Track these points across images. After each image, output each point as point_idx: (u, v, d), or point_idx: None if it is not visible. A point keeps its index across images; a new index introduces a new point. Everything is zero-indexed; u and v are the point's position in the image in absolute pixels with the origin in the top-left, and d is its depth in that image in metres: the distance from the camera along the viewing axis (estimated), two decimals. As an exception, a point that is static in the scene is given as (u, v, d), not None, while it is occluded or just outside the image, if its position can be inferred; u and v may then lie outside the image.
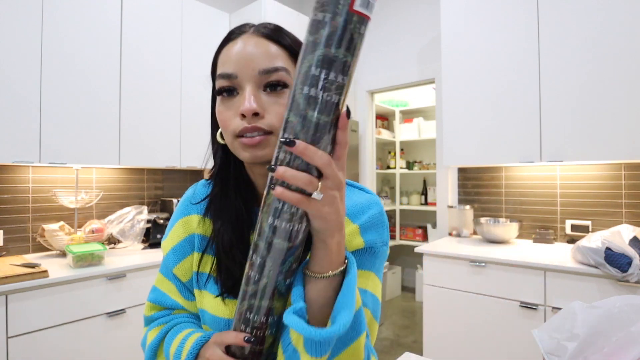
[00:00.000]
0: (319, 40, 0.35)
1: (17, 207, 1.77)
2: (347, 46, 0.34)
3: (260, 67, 0.46)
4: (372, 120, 2.98)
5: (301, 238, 0.41)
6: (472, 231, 2.30)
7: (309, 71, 0.35)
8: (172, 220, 0.62)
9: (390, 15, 2.80)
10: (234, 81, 0.47)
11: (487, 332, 1.72)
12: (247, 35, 0.49)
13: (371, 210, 0.53)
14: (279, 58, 0.47)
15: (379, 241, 0.52)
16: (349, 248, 0.49)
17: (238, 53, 0.47)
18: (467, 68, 2.09)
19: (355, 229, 0.51)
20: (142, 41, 1.93)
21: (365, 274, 0.51)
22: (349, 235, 0.50)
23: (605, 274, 1.44)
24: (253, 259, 0.42)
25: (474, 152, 2.08)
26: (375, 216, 0.53)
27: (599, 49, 1.69)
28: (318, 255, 0.41)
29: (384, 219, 0.54)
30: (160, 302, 0.60)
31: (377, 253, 0.52)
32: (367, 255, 0.51)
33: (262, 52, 0.47)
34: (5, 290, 1.30)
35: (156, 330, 0.58)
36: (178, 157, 2.10)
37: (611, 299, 0.37)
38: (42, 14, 1.59)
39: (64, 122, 1.66)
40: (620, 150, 1.65)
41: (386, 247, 0.53)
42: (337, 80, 0.35)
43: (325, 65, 0.34)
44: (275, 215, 0.39)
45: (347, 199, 0.53)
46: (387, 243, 0.53)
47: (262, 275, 0.42)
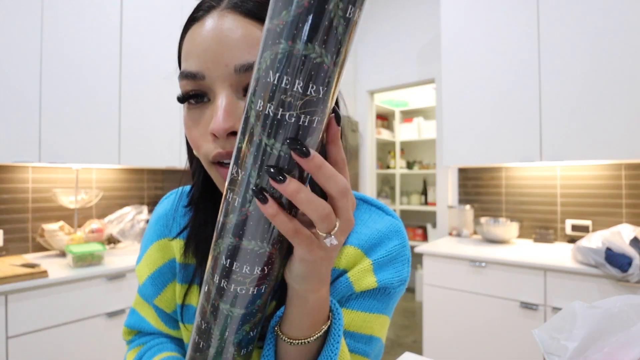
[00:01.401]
0: (280, 29, 0.22)
1: (17, 207, 1.77)
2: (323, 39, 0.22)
3: (236, 62, 0.31)
4: (372, 120, 2.98)
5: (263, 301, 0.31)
6: (472, 231, 2.30)
7: (266, 77, 0.23)
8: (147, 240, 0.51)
9: (390, 15, 2.80)
10: (201, 83, 0.33)
11: (487, 332, 1.72)
12: (217, 12, 0.33)
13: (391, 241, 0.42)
14: None
15: (395, 280, 0.42)
16: (357, 286, 0.40)
17: (204, 41, 0.32)
18: (467, 68, 2.09)
19: (368, 265, 0.40)
20: (142, 41, 1.93)
21: (374, 318, 0.41)
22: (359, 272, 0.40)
23: (606, 274, 1.44)
24: (198, 320, 0.33)
25: (474, 152, 2.08)
26: (395, 249, 0.42)
27: (599, 48, 1.69)
28: (295, 316, 0.32)
29: (405, 252, 0.43)
30: (139, 327, 0.53)
31: (392, 294, 0.42)
32: (379, 295, 0.41)
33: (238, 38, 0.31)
34: (5, 290, 1.30)
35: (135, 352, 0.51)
36: (178, 157, 2.10)
37: (611, 299, 0.37)
38: (42, 14, 1.59)
39: (64, 122, 1.66)
40: (620, 150, 1.65)
41: (404, 286, 0.43)
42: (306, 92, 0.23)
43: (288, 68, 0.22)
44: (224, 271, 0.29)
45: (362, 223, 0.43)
46: (405, 281, 0.43)
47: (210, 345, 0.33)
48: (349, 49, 0.24)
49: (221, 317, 0.31)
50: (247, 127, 0.25)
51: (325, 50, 0.22)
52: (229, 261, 0.29)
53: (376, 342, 0.42)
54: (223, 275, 0.29)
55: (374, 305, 0.41)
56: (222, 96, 0.32)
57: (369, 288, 0.41)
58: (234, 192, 0.27)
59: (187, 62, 0.34)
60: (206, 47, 0.32)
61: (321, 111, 0.24)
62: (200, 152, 0.35)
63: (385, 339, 0.45)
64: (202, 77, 0.33)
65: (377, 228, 0.43)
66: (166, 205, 0.52)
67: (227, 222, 0.28)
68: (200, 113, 0.34)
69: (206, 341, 0.33)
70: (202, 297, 0.32)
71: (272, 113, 0.23)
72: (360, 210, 0.45)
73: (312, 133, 0.24)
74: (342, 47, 0.23)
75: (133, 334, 0.54)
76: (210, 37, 0.32)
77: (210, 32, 0.32)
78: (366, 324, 0.41)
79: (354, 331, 0.40)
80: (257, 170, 0.25)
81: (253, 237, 0.27)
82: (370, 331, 0.41)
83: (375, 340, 0.42)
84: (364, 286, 0.40)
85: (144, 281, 0.49)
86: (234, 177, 0.27)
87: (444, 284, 1.87)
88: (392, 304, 0.44)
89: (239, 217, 0.27)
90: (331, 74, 0.23)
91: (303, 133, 0.24)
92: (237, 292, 0.29)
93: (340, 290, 0.40)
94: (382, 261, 0.41)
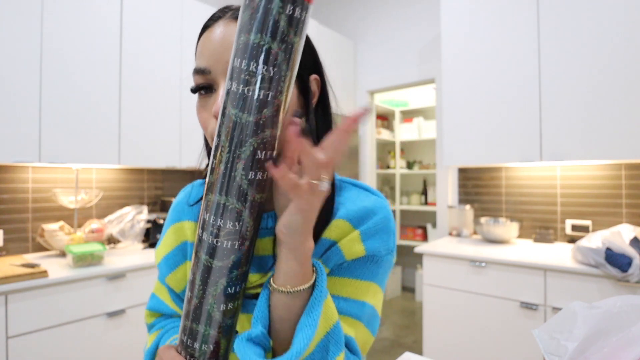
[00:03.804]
0: (241, 26, 0.31)
1: (17, 207, 1.77)
2: (269, 30, 0.30)
3: None
4: (372, 120, 2.98)
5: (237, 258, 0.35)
6: (472, 231, 2.30)
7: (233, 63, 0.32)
8: (165, 226, 0.59)
9: (390, 15, 2.80)
10: (208, 77, 0.42)
11: (487, 332, 1.72)
12: (223, 21, 0.43)
13: (377, 215, 0.47)
14: None
15: (382, 249, 0.46)
16: (347, 255, 0.45)
17: (211, 44, 0.42)
18: (467, 68, 2.09)
19: (357, 235, 0.45)
20: (142, 41, 1.93)
21: (365, 284, 0.46)
22: (349, 242, 0.45)
23: (606, 274, 1.44)
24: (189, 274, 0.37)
25: (474, 152, 2.08)
26: (380, 222, 0.47)
27: (600, 48, 1.69)
28: (289, 267, 0.36)
29: (390, 224, 0.48)
30: (158, 309, 0.59)
31: (381, 262, 0.47)
32: (368, 264, 0.46)
33: None
34: (5, 290, 1.30)
35: (154, 335, 0.56)
36: (178, 157, 2.10)
37: (611, 299, 0.37)
38: (42, 14, 1.59)
39: (63, 122, 1.66)
40: (620, 150, 1.65)
41: (391, 256, 0.48)
42: (258, 71, 0.30)
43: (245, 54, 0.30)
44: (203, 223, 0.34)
45: (351, 201, 0.48)
46: (392, 251, 0.47)
47: (193, 295, 0.36)
48: (296, 39, 0.31)
49: (201, 267, 0.35)
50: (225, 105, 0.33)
51: (272, 39, 0.30)
52: (207, 214, 0.34)
53: (368, 308, 0.46)
54: (202, 227, 0.35)
55: (363, 272, 0.46)
56: (223, 86, 0.40)
57: (358, 256, 0.45)
58: (215, 156, 0.34)
59: (198, 60, 0.43)
60: (212, 48, 0.42)
61: (274, 88, 0.31)
62: (207, 131, 0.44)
63: (380, 310, 0.49)
64: (208, 71, 0.42)
65: (364, 204, 0.48)
66: (181, 195, 0.60)
67: (209, 181, 0.34)
68: (207, 100, 0.43)
69: (191, 291, 0.37)
70: (193, 249, 0.37)
71: (237, 89, 0.31)
72: (349, 191, 0.50)
73: (268, 105, 0.31)
74: (287, 37, 0.30)
75: (154, 316, 0.60)
76: (215, 40, 0.42)
77: (215, 37, 0.42)
78: (357, 290, 0.45)
79: (347, 297, 0.45)
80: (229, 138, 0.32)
81: (226, 193, 0.33)
82: (363, 297, 0.46)
83: (367, 307, 0.46)
84: (354, 254, 0.45)
85: (159, 261, 0.56)
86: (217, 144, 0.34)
87: (444, 284, 1.87)
88: (382, 273, 0.48)
89: (215, 175, 0.33)
90: (278, 57, 0.30)
91: (260, 105, 0.31)
92: (213, 243, 0.34)
93: (332, 258, 0.45)
94: (369, 231, 0.46)
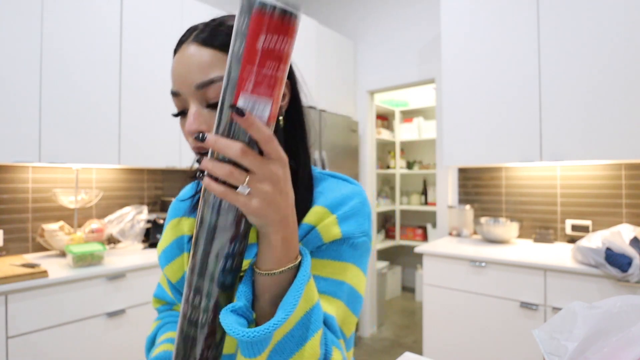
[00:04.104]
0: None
1: (17, 207, 1.77)
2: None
3: (194, 82, 0.42)
4: (372, 120, 2.98)
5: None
6: (472, 231, 2.30)
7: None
8: (166, 221, 0.65)
9: (390, 15, 2.80)
10: (180, 99, 0.45)
11: (487, 332, 1.72)
12: (185, 44, 0.45)
13: (352, 200, 0.50)
14: (215, 66, 0.42)
15: (357, 231, 0.49)
16: (325, 237, 0.47)
17: (176, 68, 0.44)
18: (467, 68, 2.09)
19: (334, 219, 0.48)
20: (142, 41, 1.93)
21: (343, 265, 0.49)
22: (327, 226, 0.48)
23: (606, 274, 1.44)
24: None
25: (474, 152, 2.08)
26: (356, 206, 0.50)
27: (600, 48, 1.69)
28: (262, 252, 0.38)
29: (365, 208, 0.51)
30: (162, 297, 0.66)
31: (357, 244, 0.49)
32: (345, 246, 0.49)
33: (195, 63, 0.43)
34: (5, 290, 1.30)
35: (155, 324, 0.63)
36: (178, 157, 2.10)
37: (611, 299, 0.37)
38: (42, 14, 1.59)
39: (63, 122, 1.66)
40: (620, 150, 1.65)
41: (367, 238, 0.50)
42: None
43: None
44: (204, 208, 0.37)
45: (331, 191, 0.51)
46: (367, 234, 0.50)
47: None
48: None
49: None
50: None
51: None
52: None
53: (346, 287, 0.49)
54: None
55: (340, 254, 0.49)
56: (192, 107, 0.44)
57: (335, 238, 0.48)
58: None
59: (171, 83, 0.46)
60: (177, 72, 0.44)
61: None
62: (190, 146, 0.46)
63: (361, 291, 0.51)
64: (178, 94, 0.45)
65: (342, 192, 0.51)
66: (181, 194, 0.65)
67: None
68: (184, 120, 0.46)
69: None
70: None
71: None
72: (328, 182, 0.54)
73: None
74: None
75: (159, 303, 0.66)
76: (179, 64, 0.44)
77: (179, 60, 0.45)
78: (335, 270, 0.48)
79: (326, 276, 0.48)
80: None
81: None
82: (341, 277, 0.48)
83: (345, 286, 0.48)
84: (331, 236, 0.48)
85: (159, 254, 0.61)
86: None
87: (444, 284, 1.87)
88: (359, 255, 0.50)
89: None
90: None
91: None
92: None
93: (312, 241, 0.48)
94: (345, 215, 0.49)
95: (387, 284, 3.64)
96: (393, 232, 3.86)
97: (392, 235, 3.86)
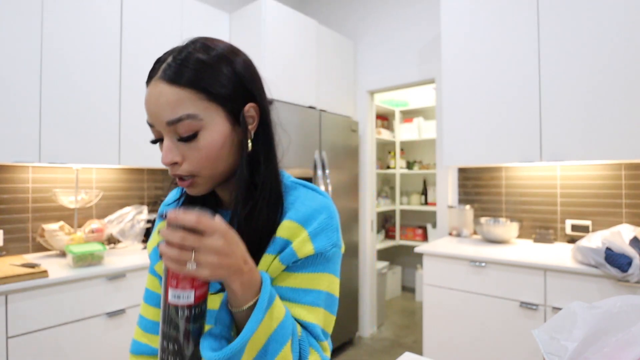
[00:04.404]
0: None
1: (17, 207, 1.77)
2: None
3: (165, 119, 0.47)
4: (372, 120, 2.98)
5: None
6: (472, 231, 2.30)
7: None
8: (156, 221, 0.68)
9: (390, 15, 2.80)
10: (155, 130, 0.49)
11: (487, 332, 1.72)
12: (154, 81, 0.48)
13: (321, 215, 0.54)
14: (182, 104, 0.47)
15: (328, 245, 0.53)
16: (300, 254, 0.52)
17: (147, 102, 0.48)
18: (467, 68, 2.09)
19: (306, 236, 0.52)
20: (142, 41, 1.93)
21: (318, 276, 0.53)
22: (299, 243, 0.52)
23: (605, 274, 1.44)
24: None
25: (474, 152, 2.08)
26: (324, 221, 0.54)
27: (600, 48, 1.69)
28: (228, 295, 0.43)
29: (333, 222, 0.55)
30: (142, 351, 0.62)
31: (328, 256, 0.54)
32: (318, 259, 0.53)
33: (164, 102, 0.47)
34: (5, 290, 1.30)
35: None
36: (178, 157, 2.10)
37: (611, 299, 0.37)
38: (42, 14, 1.59)
39: (64, 122, 1.66)
40: (620, 150, 1.65)
41: (337, 249, 0.55)
42: None
43: None
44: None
45: (300, 202, 0.55)
46: (337, 245, 0.55)
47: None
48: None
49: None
50: None
51: None
52: None
53: (324, 295, 0.53)
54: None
55: (316, 267, 0.53)
56: (165, 140, 0.49)
57: (309, 254, 0.52)
58: None
59: (146, 114, 0.50)
60: (149, 108, 0.48)
61: None
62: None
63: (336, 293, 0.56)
64: (153, 125, 0.49)
65: (310, 206, 0.55)
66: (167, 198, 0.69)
67: None
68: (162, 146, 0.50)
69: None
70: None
71: None
72: (299, 191, 0.57)
73: None
74: None
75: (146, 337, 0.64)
76: (150, 101, 0.48)
77: (149, 97, 0.48)
78: (312, 281, 0.53)
79: (304, 288, 0.52)
80: None
81: None
82: (318, 287, 0.53)
83: (323, 294, 0.53)
84: (305, 253, 0.52)
85: (150, 253, 0.64)
86: None
87: (444, 284, 1.87)
88: (332, 264, 0.55)
89: None
90: None
91: None
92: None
93: (287, 257, 0.52)
94: (315, 231, 0.53)
95: (387, 284, 3.64)
96: (393, 232, 3.86)
97: (392, 235, 3.86)
